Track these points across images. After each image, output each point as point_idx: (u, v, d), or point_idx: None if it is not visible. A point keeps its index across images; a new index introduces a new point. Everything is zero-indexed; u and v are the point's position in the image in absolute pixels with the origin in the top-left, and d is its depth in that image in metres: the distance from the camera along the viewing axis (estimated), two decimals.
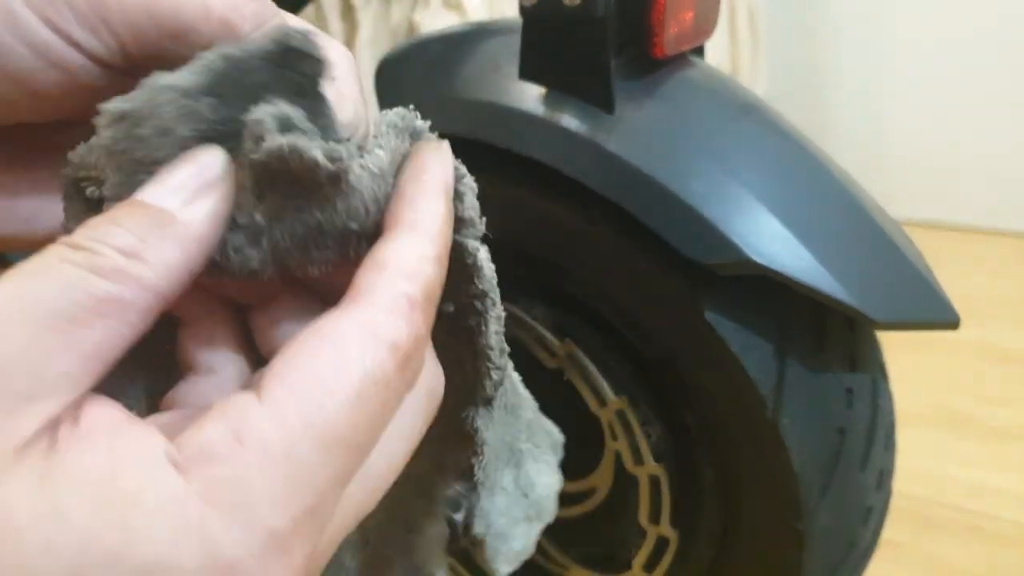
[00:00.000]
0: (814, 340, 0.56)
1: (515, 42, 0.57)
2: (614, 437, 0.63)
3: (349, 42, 1.19)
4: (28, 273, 0.17)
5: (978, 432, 1.21)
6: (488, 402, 0.28)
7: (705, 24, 0.60)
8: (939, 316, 0.53)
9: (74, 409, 0.17)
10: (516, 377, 0.32)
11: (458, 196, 0.23)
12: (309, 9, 1.20)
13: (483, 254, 0.24)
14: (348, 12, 1.20)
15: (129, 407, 0.18)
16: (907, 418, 0.68)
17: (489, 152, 0.57)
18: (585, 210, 0.56)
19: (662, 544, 0.64)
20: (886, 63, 1.93)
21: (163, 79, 0.20)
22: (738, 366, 0.53)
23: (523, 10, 0.55)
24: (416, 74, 0.64)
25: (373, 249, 0.21)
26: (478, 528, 0.31)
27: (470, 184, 0.24)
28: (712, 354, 0.54)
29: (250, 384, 0.18)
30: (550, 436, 0.35)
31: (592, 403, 0.62)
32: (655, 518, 0.64)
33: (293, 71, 0.21)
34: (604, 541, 0.71)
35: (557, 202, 0.57)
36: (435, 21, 1.14)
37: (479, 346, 0.26)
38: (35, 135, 0.24)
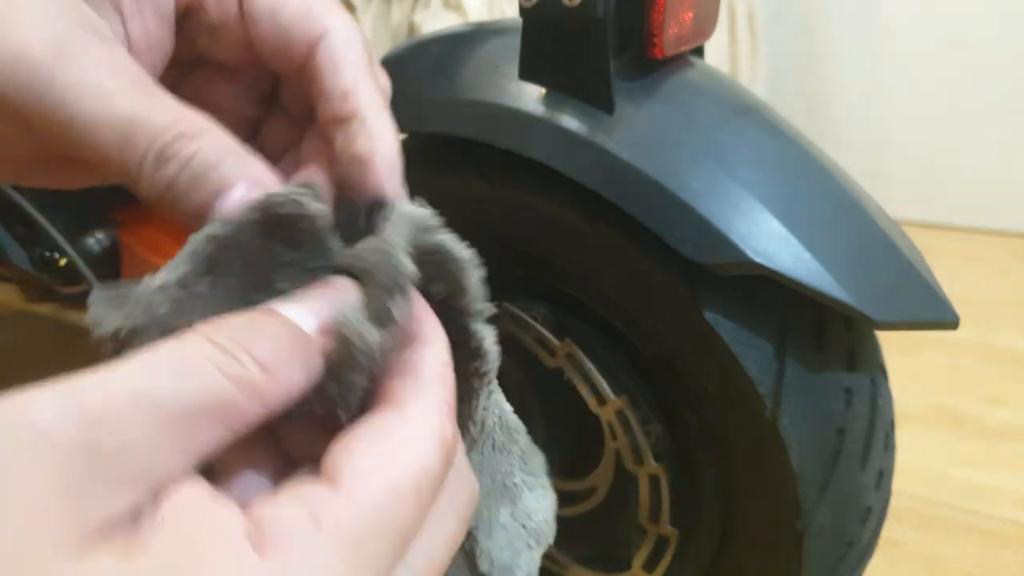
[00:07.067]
0: (813, 340, 0.56)
1: (515, 42, 0.57)
2: (614, 436, 0.63)
3: None
4: (167, 357, 0.18)
5: (977, 432, 1.21)
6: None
7: (705, 25, 0.61)
8: (938, 316, 0.53)
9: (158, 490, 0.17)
10: (507, 409, 0.32)
11: (462, 289, 0.24)
12: None
13: (489, 338, 0.25)
14: (348, 13, 1.20)
15: None
16: (906, 418, 0.68)
17: (489, 152, 0.57)
18: (585, 210, 0.56)
19: (662, 543, 0.65)
20: (885, 63, 1.93)
21: (153, 283, 0.20)
22: (737, 366, 0.53)
23: (523, 11, 0.55)
24: (416, 75, 0.64)
25: (403, 360, 0.22)
26: (483, 567, 0.32)
27: (475, 272, 0.25)
28: (711, 354, 0.54)
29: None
30: (538, 456, 0.35)
31: (592, 402, 0.62)
32: (655, 517, 0.64)
33: (285, 235, 0.22)
34: (604, 540, 0.71)
35: (557, 202, 0.57)
36: (435, 22, 1.14)
37: (462, 416, 0.27)
38: None
